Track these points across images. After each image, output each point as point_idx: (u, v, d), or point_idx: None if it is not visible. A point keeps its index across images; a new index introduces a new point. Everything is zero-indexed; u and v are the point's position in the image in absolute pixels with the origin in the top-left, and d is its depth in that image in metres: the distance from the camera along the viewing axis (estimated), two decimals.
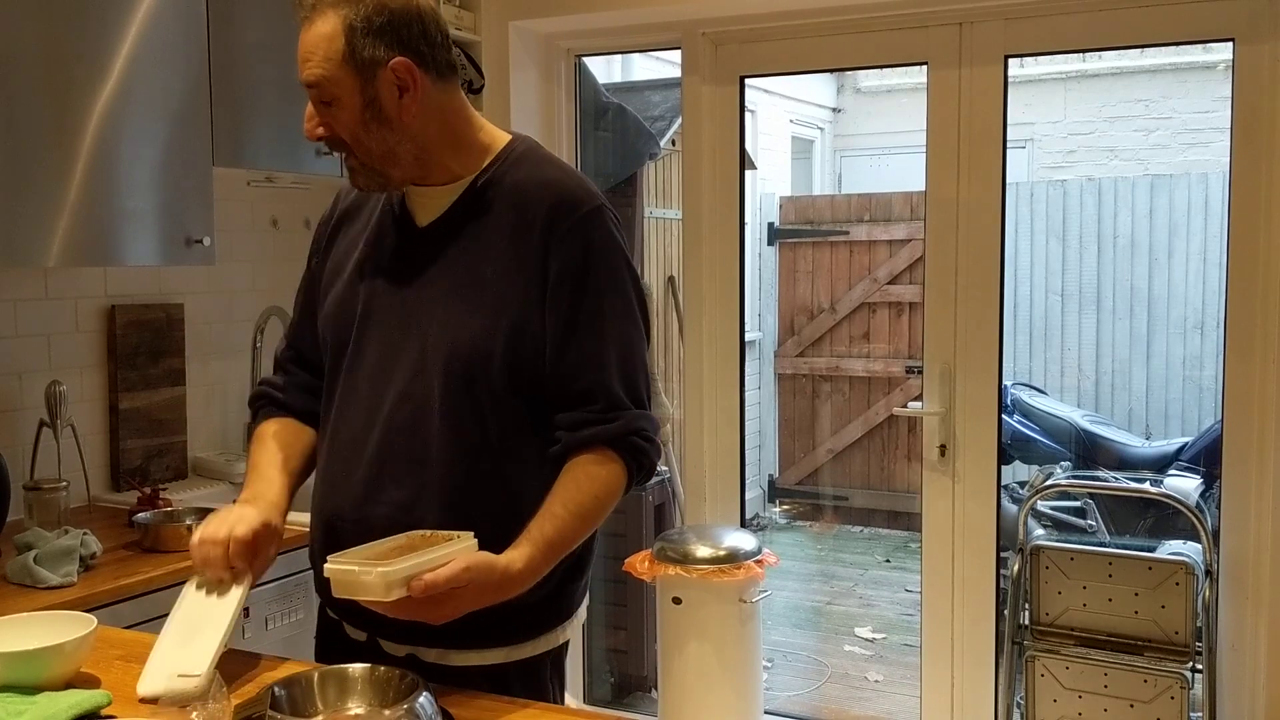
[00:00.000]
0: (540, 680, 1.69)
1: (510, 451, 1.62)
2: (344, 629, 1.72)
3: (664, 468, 4.00)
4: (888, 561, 6.28)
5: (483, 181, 1.66)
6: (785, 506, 7.04)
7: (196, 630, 1.51)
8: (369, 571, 1.38)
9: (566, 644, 1.75)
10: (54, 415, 2.69)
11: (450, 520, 1.57)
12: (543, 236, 1.60)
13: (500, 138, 1.71)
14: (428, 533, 1.51)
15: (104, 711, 1.40)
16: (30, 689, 1.44)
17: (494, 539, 1.51)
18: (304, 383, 1.82)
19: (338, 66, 1.56)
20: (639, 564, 3.49)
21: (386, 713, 1.34)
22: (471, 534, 1.49)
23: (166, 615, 1.62)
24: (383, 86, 1.58)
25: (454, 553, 1.44)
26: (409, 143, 1.62)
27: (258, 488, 1.68)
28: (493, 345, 1.59)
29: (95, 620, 1.55)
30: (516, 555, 1.50)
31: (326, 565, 1.43)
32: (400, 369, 1.63)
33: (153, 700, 1.43)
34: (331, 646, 1.75)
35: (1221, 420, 3.17)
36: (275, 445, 1.76)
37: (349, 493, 1.64)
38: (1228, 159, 3.07)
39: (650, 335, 1.75)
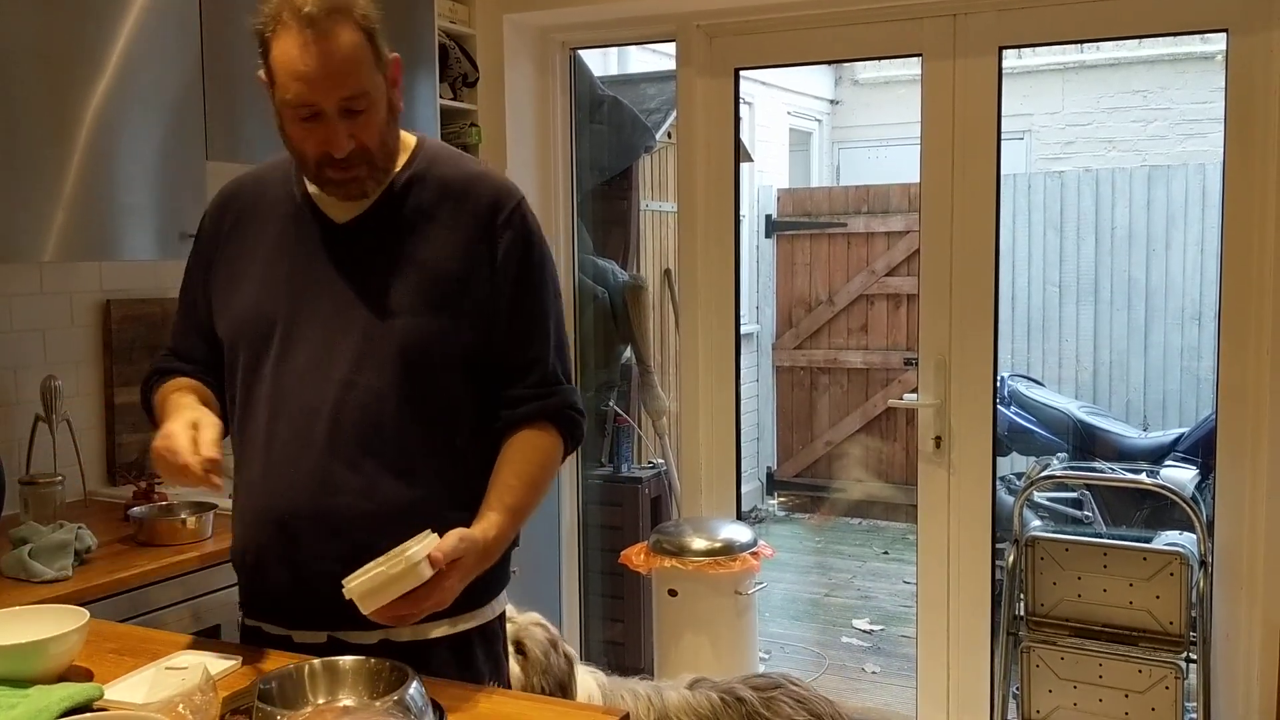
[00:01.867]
0: (497, 646, 1.79)
1: (458, 421, 1.69)
2: (262, 631, 1.74)
3: (660, 460, 4.00)
4: (886, 553, 6.29)
5: (405, 178, 1.69)
6: (783, 498, 7.05)
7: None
8: (398, 563, 1.42)
9: (504, 612, 1.83)
10: (50, 410, 2.69)
11: (407, 494, 1.63)
12: (487, 226, 1.68)
13: (408, 137, 1.74)
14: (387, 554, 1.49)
15: (96, 704, 1.41)
16: (23, 682, 1.45)
17: (448, 502, 1.64)
18: (198, 370, 1.81)
19: (372, 71, 1.57)
20: (635, 556, 3.50)
21: (376, 704, 1.34)
22: (429, 530, 1.50)
23: (161, 609, 1.64)
24: (391, 83, 1.63)
25: (432, 542, 1.47)
26: (399, 137, 1.69)
27: (176, 403, 1.68)
28: (453, 329, 1.65)
29: (88, 614, 1.56)
30: (489, 524, 1.59)
31: (348, 588, 1.44)
32: (340, 361, 1.64)
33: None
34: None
35: (1216, 411, 3.17)
36: (192, 395, 1.73)
37: (301, 489, 1.63)
38: (1223, 149, 3.07)
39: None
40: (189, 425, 1.57)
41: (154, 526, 2.48)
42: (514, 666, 2.28)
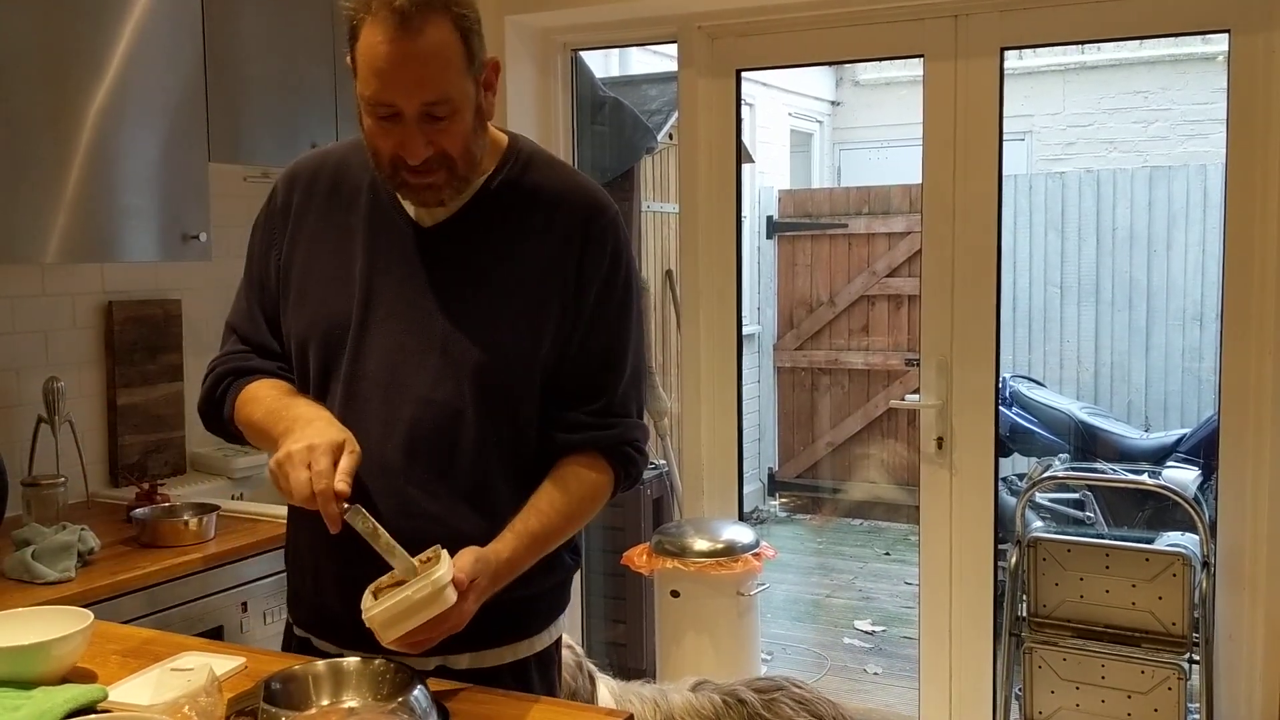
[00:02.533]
0: (552, 672, 1.71)
1: (528, 444, 1.60)
2: (312, 644, 1.66)
3: (662, 461, 4.01)
4: (887, 554, 6.29)
5: (497, 183, 1.60)
6: (784, 499, 7.05)
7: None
8: (424, 588, 1.34)
9: (561, 637, 1.76)
10: (52, 411, 2.70)
11: (481, 523, 1.53)
12: (579, 242, 1.58)
13: (499, 136, 1.63)
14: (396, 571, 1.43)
15: (100, 706, 1.41)
16: (27, 684, 1.44)
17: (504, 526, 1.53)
18: (270, 366, 1.66)
19: (461, 74, 1.45)
20: (637, 557, 3.50)
21: (381, 706, 1.34)
22: (438, 545, 1.43)
23: (164, 611, 1.62)
24: (485, 87, 1.52)
25: (448, 562, 1.40)
26: (487, 144, 1.58)
27: (302, 409, 1.51)
28: (533, 349, 1.56)
29: (92, 615, 1.56)
30: (503, 545, 1.50)
31: (369, 615, 1.37)
32: (418, 374, 1.54)
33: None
34: None
35: (1219, 412, 3.17)
36: (282, 390, 1.60)
37: (378, 510, 1.49)
38: (1225, 150, 3.07)
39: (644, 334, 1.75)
40: (334, 447, 1.42)
41: (156, 528, 2.48)
42: None
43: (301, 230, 1.64)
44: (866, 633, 5.06)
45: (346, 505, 1.39)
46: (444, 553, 1.41)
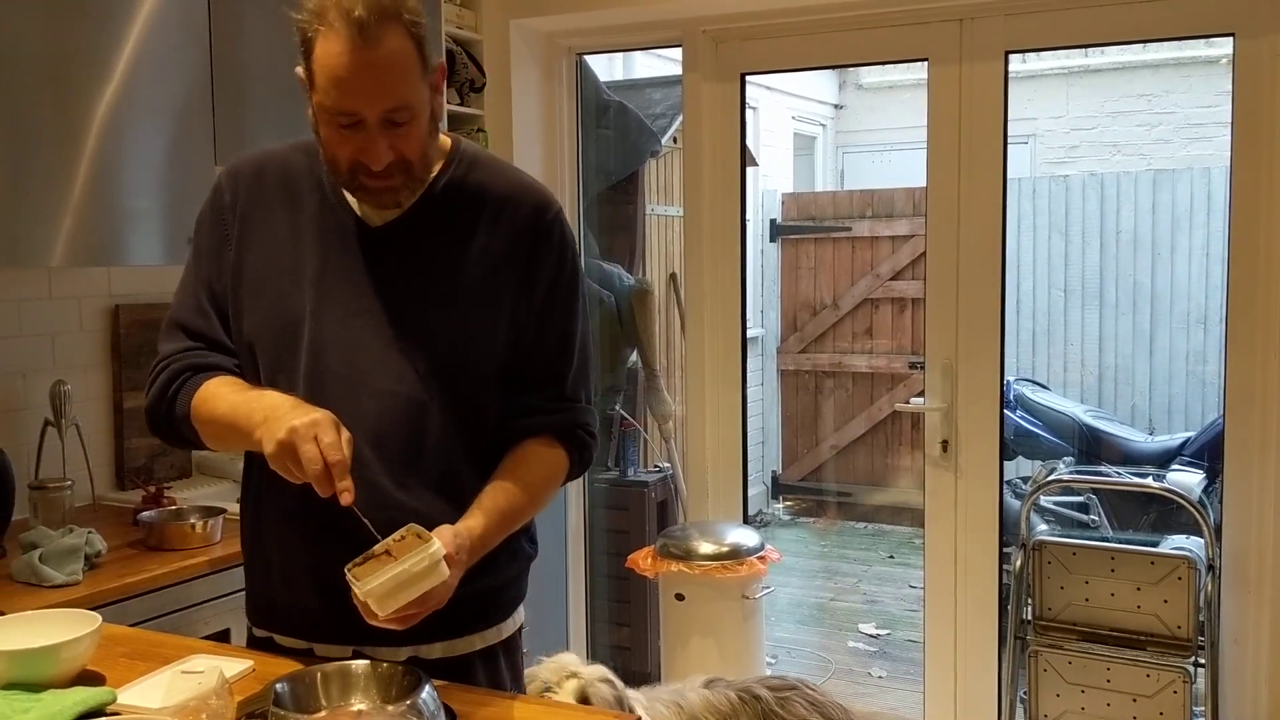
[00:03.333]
0: (518, 657, 1.77)
1: (488, 432, 1.65)
2: (274, 642, 1.68)
3: (666, 464, 4.01)
4: (891, 557, 6.28)
5: (443, 183, 1.64)
6: (789, 502, 7.05)
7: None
8: (422, 560, 1.37)
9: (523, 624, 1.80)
10: (59, 414, 2.70)
11: (451, 515, 1.55)
12: (530, 237, 1.64)
13: (444, 139, 1.67)
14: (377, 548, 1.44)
15: (109, 709, 1.41)
16: (36, 686, 1.45)
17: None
18: (228, 362, 1.65)
19: (418, 81, 1.50)
20: (642, 560, 3.51)
21: (390, 708, 1.34)
22: (412, 524, 1.44)
23: (172, 614, 1.61)
24: (434, 90, 1.56)
25: (430, 541, 1.42)
26: (439, 146, 1.64)
27: (276, 398, 1.50)
28: (489, 341, 1.61)
29: (100, 618, 1.56)
30: (474, 523, 1.53)
31: (362, 590, 1.37)
32: (380, 368, 1.58)
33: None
34: None
35: (1224, 415, 3.17)
36: (244, 385, 1.59)
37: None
38: (1229, 153, 3.07)
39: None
40: (335, 423, 1.43)
41: (163, 531, 2.48)
42: None
43: (250, 228, 1.66)
44: (871, 636, 5.05)
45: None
46: (415, 526, 1.42)
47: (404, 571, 1.37)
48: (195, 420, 1.60)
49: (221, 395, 1.58)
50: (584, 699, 2.38)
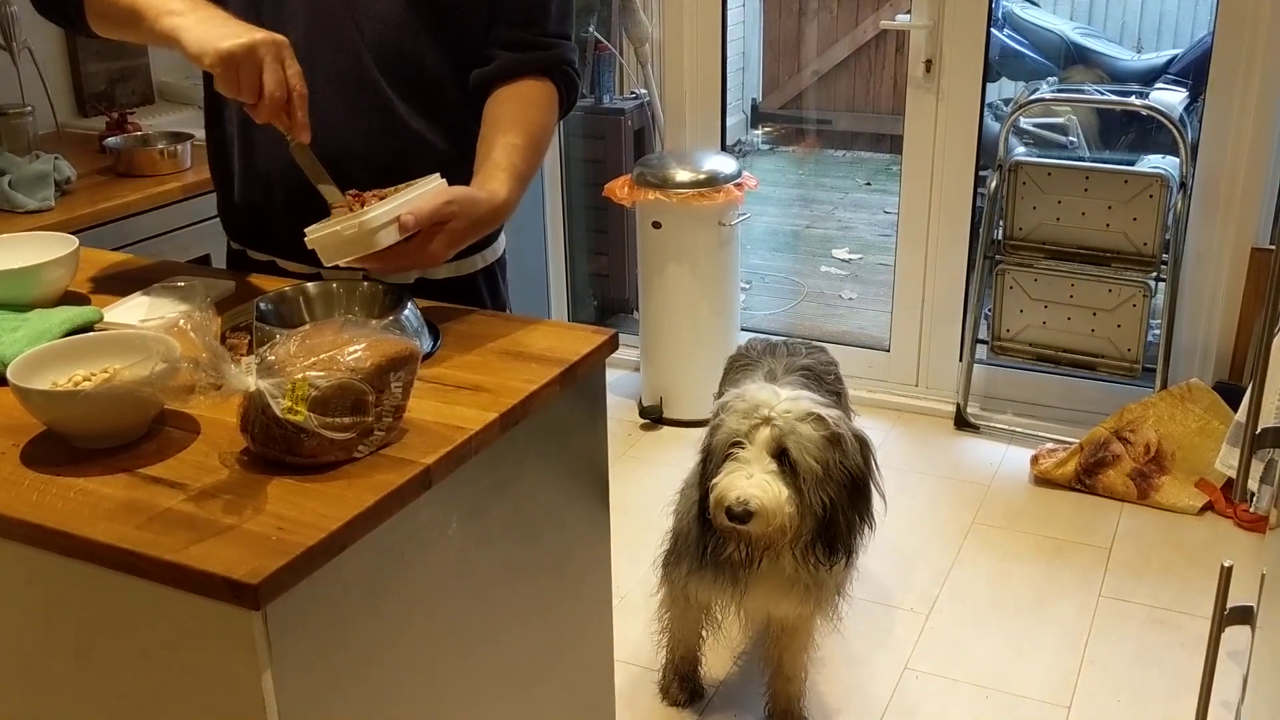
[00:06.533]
0: (506, 274, 1.81)
1: (476, 65, 1.61)
2: (247, 255, 1.71)
3: (642, 90, 3.91)
4: (868, 184, 6.31)
5: None
6: (767, 130, 6.97)
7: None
8: (351, 226, 1.32)
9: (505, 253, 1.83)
10: (8, 37, 2.59)
11: (442, 139, 1.57)
12: None
13: None
14: (391, 188, 1.41)
15: (96, 326, 1.44)
16: (21, 307, 1.47)
17: (431, 159, 1.54)
18: None
19: None
20: (619, 189, 3.50)
21: (373, 322, 1.36)
22: (438, 175, 1.43)
23: (147, 240, 1.60)
24: None
25: (429, 191, 1.39)
26: None
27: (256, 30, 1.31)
28: None
29: (76, 240, 1.56)
30: (499, 187, 1.48)
31: (308, 239, 1.35)
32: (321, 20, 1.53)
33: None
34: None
35: (1213, 32, 3.08)
36: None
37: (357, 130, 1.56)
38: None
39: None
40: (277, 43, 1.29)
41: (132, 157, 2.45)
42: (781, 487, 1.81)
43: None
44: (843, 260, 5.16)
45: None
46: (437, 178, 1.40)
47: (334, 234, 1.33)
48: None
49: None
50: (783, 452, 1.83)
